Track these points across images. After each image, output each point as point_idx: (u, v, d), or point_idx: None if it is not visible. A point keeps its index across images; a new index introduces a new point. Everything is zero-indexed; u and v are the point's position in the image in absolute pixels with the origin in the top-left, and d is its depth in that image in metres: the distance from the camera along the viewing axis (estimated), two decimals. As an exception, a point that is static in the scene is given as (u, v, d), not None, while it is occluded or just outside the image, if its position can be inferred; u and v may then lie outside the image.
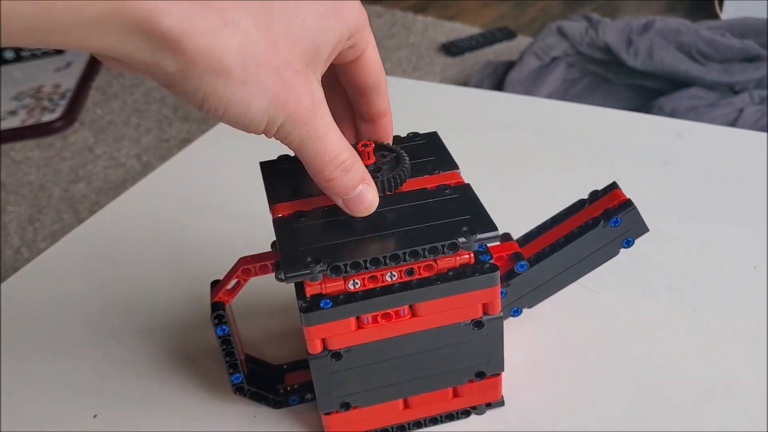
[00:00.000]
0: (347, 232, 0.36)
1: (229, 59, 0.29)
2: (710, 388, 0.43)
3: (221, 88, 0.30)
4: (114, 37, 0.27)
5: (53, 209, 1.58)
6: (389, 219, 0.37)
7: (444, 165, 0.40)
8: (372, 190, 0.36)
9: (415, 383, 0.40)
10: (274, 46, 0.30)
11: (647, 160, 0.64)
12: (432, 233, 0.35)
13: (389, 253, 0.34)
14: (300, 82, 0.31)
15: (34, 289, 0.59)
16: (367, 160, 0.38)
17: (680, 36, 1.52)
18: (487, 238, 0.35)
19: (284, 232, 0.37)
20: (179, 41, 0.28)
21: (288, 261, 0.35)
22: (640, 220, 0.41)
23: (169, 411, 0.46)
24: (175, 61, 0.29)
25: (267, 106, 0.31)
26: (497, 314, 0.39)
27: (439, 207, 0.37)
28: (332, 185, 0.35)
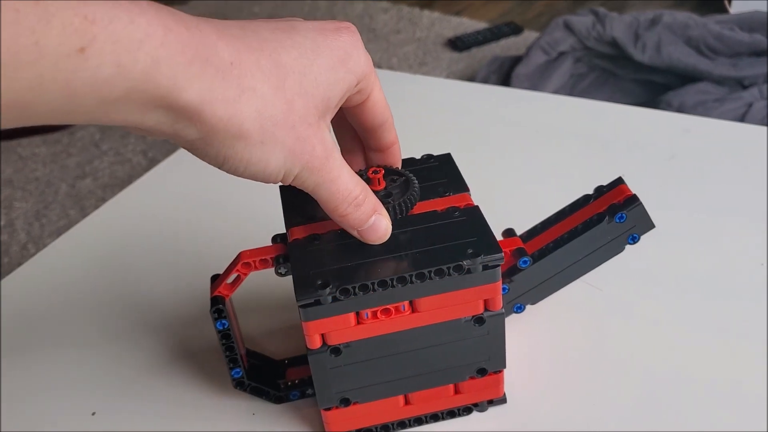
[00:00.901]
0: (358, 254, 0.37)
1: (248, 125, 0.31)
2: (715, 386, 0.42)
3: (241, 151, 0.31)
4: (136, 113, 0.28)
5: (59, 205, 1.58)
6: (399, 241, 0.38)
7: (455, 187, 0.41)
8: (384, 218, 0.37)
9: (415, 379, 0.40)
10: (290, 106, 0.32)
11: (653, 155, 0.63)
12: (439, 256, 0.36)
13: (396, 276, 0.36)
14: (313, 133, 0.33)
15: (35, 285, 0.59)
16: (378, 186, 0.39)
17: (688, 30, 1.50)
18: (490, 261, 0.36)
19: (298, 255, 0.38)
20: (200, 113, 0.29)
21: (300, 286, 0.36)
22: (645, 216, 0.40)
23: (169, 406, 0.46)
24: (196, 130, 0.30)
25: (284, 159, 0.33)
26: (499, 311, 0.38)
27: (447, 229, 0.38)
28: (347, 220, 0.36)
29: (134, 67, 0.27)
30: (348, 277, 0.36)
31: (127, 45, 0.26)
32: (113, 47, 0.26)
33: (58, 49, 0.25)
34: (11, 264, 1.42)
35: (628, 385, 0.43)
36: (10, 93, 0.25)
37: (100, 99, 0.27)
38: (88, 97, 0.27)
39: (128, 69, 0.27)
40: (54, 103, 0.26)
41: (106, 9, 0.26)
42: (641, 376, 0.43)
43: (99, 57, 0.26)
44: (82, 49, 0.25)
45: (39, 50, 0.24)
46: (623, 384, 0.43)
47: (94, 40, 0.25)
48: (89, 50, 0.25)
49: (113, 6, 0.26)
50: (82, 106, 0.27)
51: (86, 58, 0.25)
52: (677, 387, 0.43)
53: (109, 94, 0.27)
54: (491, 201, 0.36)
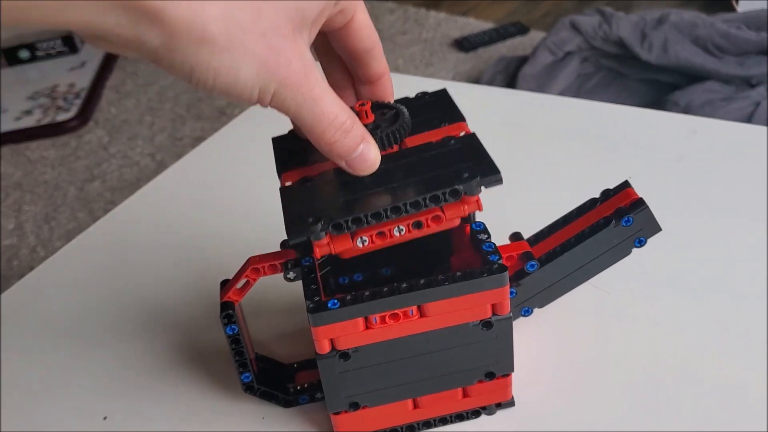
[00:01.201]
0: (351, 191, 0.36)
1: (213, 27, 0.29)
2: (724, 389, 0.42)
3: (207, 58, 0.29)
4: (94, 12, 0.27)
5: (68, 208, 1.59)
6: (393, 174, 0.36)
7: (450, 118, 0.40)
8: (373, 147, 0.36)
9: (424, 383, 0.40)
10: (258, 12, 0.30)
11: (660, 157, 0.63)
12: (433, 182, 0.35)
13: (390, 206, 0.34)
14: (288, 47, 0.31)
15: (45, 290, 0.59)
16: (366, 119, 0.37)
17: (695, 29, 1.50)
18: (489, 181, 0.34)
19: (289, 198, 0.37)
20: (161, 12, 0.28)
21: (291, 224, 0.34)
22: (652, 220, 0.40)
23: (179, 410, 0.46)
24: (157, 33, 0.28)
25: (256, 72, 0.31)
26: (506, 315, 0.38)
27: (442, 157, 0.36)
28: (334, 148, 0.35)
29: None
30: (340, 212, 0.34)
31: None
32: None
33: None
34: (21, 267, 1.43)
35: (635, 388, 0.43)
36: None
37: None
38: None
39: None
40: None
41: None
42: (649, 378, 0.44)
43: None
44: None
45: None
46: (630, 387, 0.43)
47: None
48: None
49: None
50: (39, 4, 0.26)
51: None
52: (685, 389, 0.43)
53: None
54: (498, 205, 0.36)
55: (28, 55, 2.16)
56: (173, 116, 1.87)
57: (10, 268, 1.45)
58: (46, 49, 2.15)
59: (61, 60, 2.15)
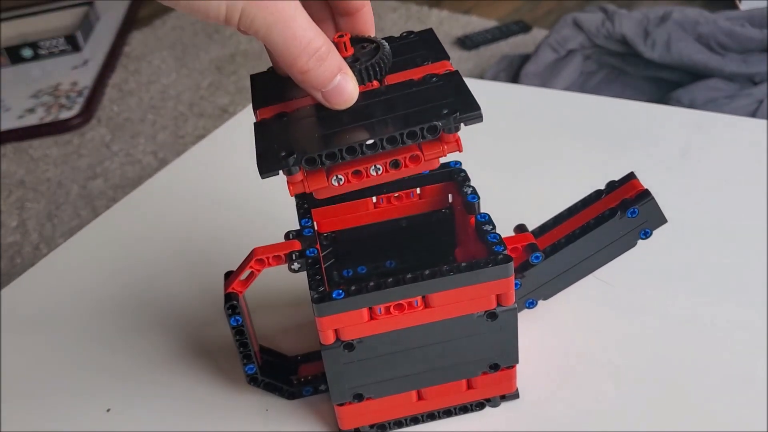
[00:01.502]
0: (327, 126, 0.35)
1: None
2: (728, 382, 0.42)
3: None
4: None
5: (71, 206, 1.59)
6: (371, 111, 0.35)
7: (434, 56, 0.38)
8: (351, 80, 0.34)
9: (428, 375, 0.40)
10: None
11: (664, 151, 0.63)
12: (412, 119, 0.34)
13: (365, 141, 0.33)
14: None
15: (48, 285, 0.59)
16: (345, 52, 0.36)
17: (698, 27, 1.50)
18: (468, 118, 0.34)
19: (263, 133, 0.35)
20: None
21: (262, 158, 0.33)
22: (658, 211, 0.40)
23: (183, 402, 0.46)
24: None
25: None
26: (511, 306, 0.38)
27: (423, 94, 0.35)
28: (308, 77, 0.33)
29: None
30: (314, 146, 0.33)
31: None
32: None
33: None
34: (24, 265, 1.43)
35: (640, 380, 0.43)
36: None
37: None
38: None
39: None
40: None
41: None
42: (653, 371, 0.43)
43: None
44: None
45: None
46: (635, 379, 0.43)
47: None
48: None
49: None
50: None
51: None
52: (691, 383, 0.42)
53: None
54: (503, 198, 0.36)
55: (31, 54, 2.16)
56: (175, 114, 1.87)
57: (13, 266, 1.45)
58: (48, 48, 2.15)
59: (63, 58, 2.15)
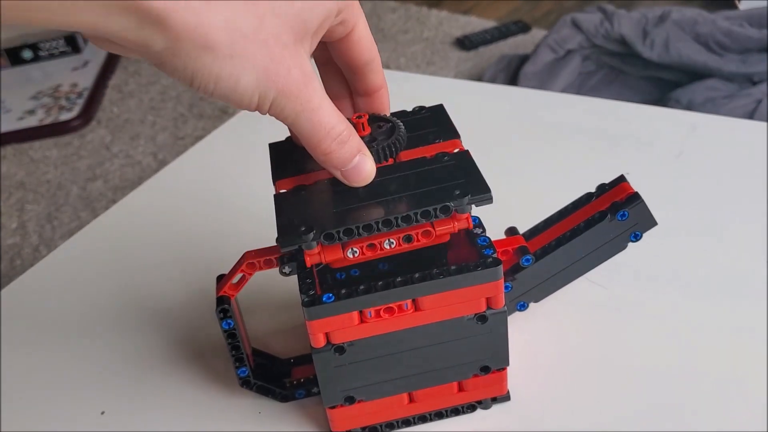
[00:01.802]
0: (344, 202, 0.36)
1: (215, 34, 0.29)
2: (720, 385, 0.42)
3: (209, 64, 0.30)
4: (100, 14, 0.27)
5: (71, 207, 1.59)
6: (386, 187, 0.37)
7: (445, 134, 0.40)
8: (369, 159, 0.36)
9: (419, 377, 0.40)
10: (260, 21, 0.30)
11: (660, 153, 0.63)
12: (425, 198, 0.35)
13: (381, 219, 0.35)
14: (289, 55, 0.32)
15: (47, 286, 0.59)
16: (363, 131, 0.38)
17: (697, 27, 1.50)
18: (479, 200, 0.35)
19: (282, 205, 0.37)
20: (166, 19, 0.28)
21: (283, 232, 0.35)
22: (647, 214, 0.40)
23: (176, 405, 0.47)
24: (162, 38, 0.29)
25: (257, 80, 0.31)
26: (501, 308, 0.38)
27: (435, 173, 0.37)
28: (330, 158, 0.35)
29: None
30: (333, 222, 0.35)
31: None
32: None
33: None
34: (23, 266, 1.44)
35: (632, 382, 0.43)
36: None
37: None
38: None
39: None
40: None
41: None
42: (645, 373, 0.44)
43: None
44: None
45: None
46: (627, 381, 0.43)
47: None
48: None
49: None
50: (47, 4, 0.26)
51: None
52: (681, 385, 0.43)
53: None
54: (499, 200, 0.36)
55: (31, 56, 2.16)
56: (175, 115, 1.87)
57: (13, 267, 1.46)
58: (48, 50, 2.15)
59: (63, 60, 2.15)
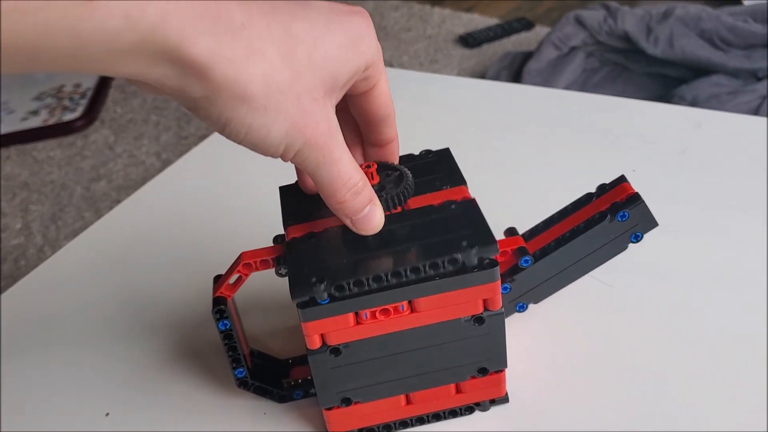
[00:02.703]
0: (354, 251, 0.37)
1: (253, 87, 0.30)
2: (722, 385, 0.42)
3: (243, 114, 0.31)
4: (143, 65, 0.28)
5: (75, 208, 1.59)
6: (395, 236, 0.37)
7: (452, 181, 0.41)
8: (378, 209, 0.37)
9: (416, 379, 0.40)
10: (296, 76, 0.32)
11: (664, 150, 0.63)
12: (434, 249, 0.36)
13: (391, 271, 0.35)
14: (318, 109, 0.33)
15: (51, 286, 0.59)
16: (372, 180, 0.39)
17: (701, 23, 1.49)
18: (485, 252, 0.36)
19: (294, 253, 0.38)
20: (207, 70, 0.29)
21: (295, 283, 0.36)
22: (648, 215, 0.40)
23: (173, 406, 0.46)
24: (201, 87, 0.30)
25: (286, 131, 0.32)
26: (498, 310, 0.38)
27: (442, 223, 0.38)
28: (343, 207, 0.36)
29: (143, 19, 0.27)
30: (343, 273, 0.36)
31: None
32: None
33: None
34: (28, 266, 1.44)
35: (631, 383, 0.43)
36: (18, 37, 0.25)
37: (107, 48, 0.27)
38: (95, 45, 0.27)
39: (136, 21, 0.27)
40: (61, 49, 0.26)
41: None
42: (644, 374, 0.43)
43: (107, 8, 0.26)
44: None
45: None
46: (626, 382, 0.43)
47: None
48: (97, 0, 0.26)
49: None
50: (89, 55, 0.27)
51: (94, 8, 0.26)
52: (683, 385, 0.42)
53: (116, 44, 0.27)
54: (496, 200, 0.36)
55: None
56: (178, 115, 1.87)
57: (18, 268, 1.46)
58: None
59: (67, 60, 2.16)
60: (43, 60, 0.27)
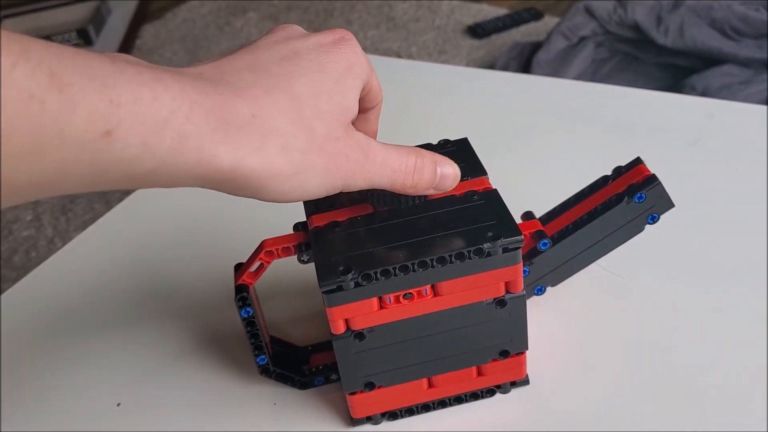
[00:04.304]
0: (379, 240, 0.37)
1: (277, 165, 0.32)
2: (734, 371, 0.42)
3: (277, 187, 0.32)
4: (167, 182, 0.30)
5: (85, 199, 1.60)
6: (419, 227, 0.38)
7: (473, 171, 0.41)
8: (447, 165, 0.38)
9: (438, 362, 0.40)
10: (311, 132, 0.33)
11: (676, 140, 0.63)
12: (459, 240, 0.36)
13: (417, 260, 0.36)
14: (344, 144, 0.34)
15: (62, 277, 0.60)
16: None
17: (712, 12, 1.48)
18: (510, 242, 0.36)
19: (319, 242, 0.38)
20: (233, 171, 0.30)
21: (322, 272, 0.36)
22: (665, 195, 0.40)
23: (196, 394, 0.47)
24: (231, 187, 0.32)
25: (322, 181, 0.34)
26: (520, 293, 0.38)
27: (466, 213, 0.38)
28: (418, 188, 0.37)
29: (161, 144, 0.27)
30: (370, 262, 0.36)
31: (152, 125, 0.27)
32: (139, 128, 0.26)
33: (84, 135, 0.25)
34: (39, 258, 1.45)
35: (649, 365, 0.43)
36: (36, 176, 0.25)
37: (127, 175, 0.28)
38: (114, 172, 0.27)
39: (155, 147, 0.27)
40: (80, 180, 0.27)
41: (131, 89, 0.26)
42: (661, 357, 0.43)
43: (125, 139, 0.26)
44: (108, 132, 0.26)
45: (63, 138, 0.25)
46: (644, 365, 0.43)
47: (120, 124, 0.26)
48: (115, 133, 0.26)
49: (138, 85, 0.26)
50: (109, 181, 0.28)
51: (112, 141, 0.26)
52: (702, 373, 0.42)
53: (135, 170, 0.27)
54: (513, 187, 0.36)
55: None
56: (188, 107, 1.88)
57: (29, 260, 1.47)
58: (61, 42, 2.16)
59: (77, 53, 2.16)
60: (61, 189, 0.27)
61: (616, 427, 0.40)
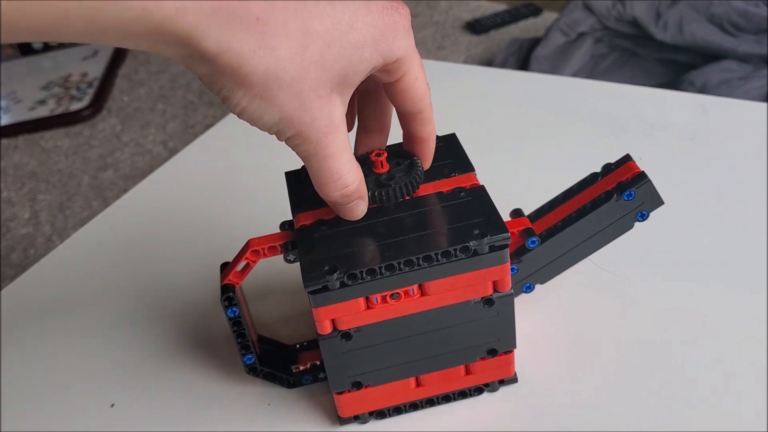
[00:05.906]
0: (365, 239, 0.37)
1: (254, 78, 0.31)
2: (726, 369, 0.42)
3: (239, 98, 0.32)
4: (155, 46, 0.30)
5: (82, 197, 1.60)
6: (406, 224, 0.37)
7: (460, 168, 0.41)
8: (362, 204, 0.37)
9: (426, 362, 0.40)
10: (302, 72, 0.32)
11: (673, 137, 0.62)
12: (445, 237, 0.36)
13: (403, 259, 0.35)
14: (320, 106, 0.33)
15: (59, 275, 0.60)
16: (381, 169, 0.39)
17: (711, 7, 1.48)
18: (497, 240, 0.36)
19: (305, 241, 0.38)
20: (214, 59, 0.30)
21: (307, 271, 0.36)
22: (654, 193, 0.40)
23: (183, 394, 0.47)
24: (206, 68, 0.31)
25: (278, 120, 0.33)
26: (508, 291, 0.38)
27: (453, 210, 0.38)
28: (328, 199, 0.37)
29: (159, 12, 0.28)
30: (355, 261, 0.36)
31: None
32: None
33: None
34: (36, 256, 1.45)
35: (638, 364, 0.43)
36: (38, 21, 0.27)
37: (123, 35, 0.29)
38: (110, 31, 0.28)
39: (153, 13, 0.28)
40: (77, 31, 0.28)
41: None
42: (651, 355, 0.43)
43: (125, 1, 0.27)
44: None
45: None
46: (634, 363, 0.43)
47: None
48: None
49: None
50: (105, 37, 0.29)
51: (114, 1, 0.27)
52: (691, 369, 0.42)
53: (131, 31, 0.28)
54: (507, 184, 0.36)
55: (41, 45, 2.17)
56: (185, 103, 1.87)
57: (27, 257, 1.47)
58: (59, 40, 2.16)
59: (73, 50, 2.16)
60: (58, 36, 0.28)
61: (605, 426, 0.40)
